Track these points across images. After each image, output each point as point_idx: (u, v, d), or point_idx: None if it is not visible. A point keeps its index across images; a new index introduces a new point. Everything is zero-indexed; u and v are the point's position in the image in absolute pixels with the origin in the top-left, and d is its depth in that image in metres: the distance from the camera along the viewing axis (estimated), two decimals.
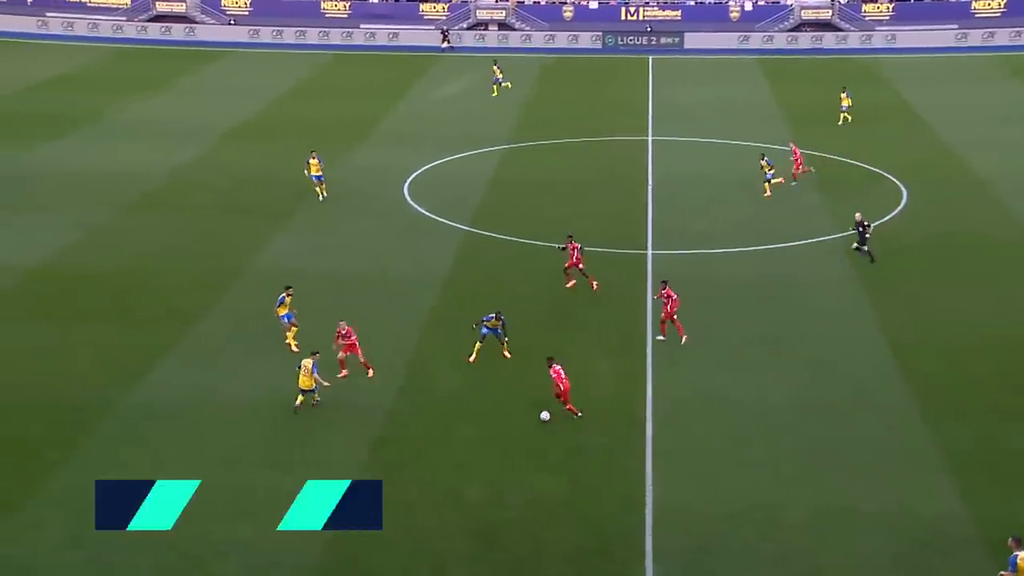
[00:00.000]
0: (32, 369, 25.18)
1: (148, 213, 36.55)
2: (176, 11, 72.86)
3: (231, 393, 24.31)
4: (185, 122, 48.86)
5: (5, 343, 26.43)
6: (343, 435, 22.86)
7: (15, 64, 60.50)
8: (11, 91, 53.56)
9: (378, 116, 50.67)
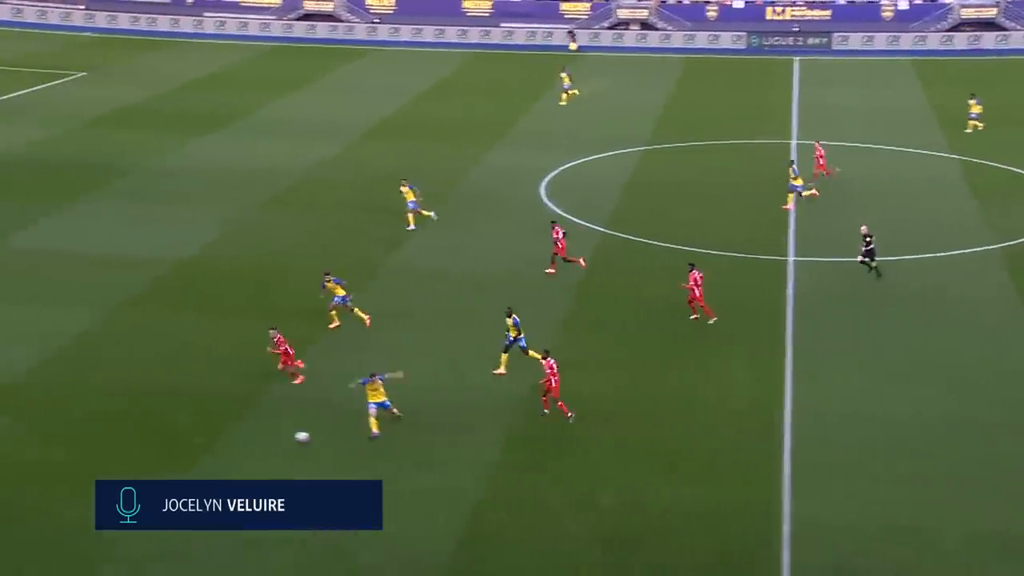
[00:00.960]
0: (180, 358, 26.06)
1: (288, 209, 37.50)
2: (323, 10, 74.67)
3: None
4: (326, 120, 50.01)
5: (155, 333, 27.41)
6: (477, 435, 22.99)
7: (172, 63, 62.93)
8: (166, 89, 55.72)
9: (515, 116, 50.90)
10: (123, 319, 28.17)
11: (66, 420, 23.21)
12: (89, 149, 43.94)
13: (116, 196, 38.22)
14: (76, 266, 31.59)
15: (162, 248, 33.02)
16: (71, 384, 24.47)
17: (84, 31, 71.24)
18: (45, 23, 72.65)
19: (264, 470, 21.33)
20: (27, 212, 35.81)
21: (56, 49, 64.86)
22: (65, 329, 27.37)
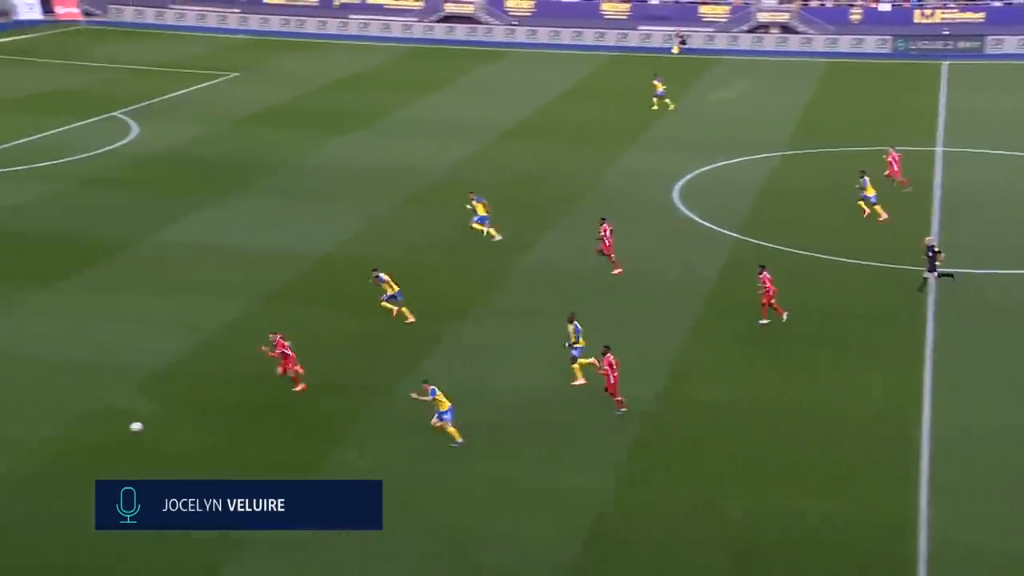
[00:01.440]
0: (319, 350, 26.64)
1: (425, 208, 38.00)
2: (463, 12, 75.51)
3: (496, 387, 24.85)
4: (464, 120, 50.52)
5: (296, 326, 28.06)
6: (602, 436, 22.89)
7: (318, 63, 64.52)
8: (312, 89, 57.17)
9: (652, 118, 50.49)
10: (266, 312, 28.96)
11: (212, 408, 23.98)
12: (239, 147, 45.37)
13: (262, 193, 39.34)
14: (224, 260, 32.64)
15: (304, 244, 33.85)
16: (216, 373, 25.29)
17: (238, 33, 73.68)
18: (203, 26, 75.39)
19: (397, 461, 21.71)
20: (180, 207, 37.16)
21: (212, 51, 67.23)
22: (212, 320, 28.32)
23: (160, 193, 38.70)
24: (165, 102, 53.14)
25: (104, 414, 23.55)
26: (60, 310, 28.66)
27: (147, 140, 45.75)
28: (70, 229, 34.61)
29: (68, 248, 32.93)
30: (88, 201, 37.38)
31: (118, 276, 31.19)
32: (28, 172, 40.44)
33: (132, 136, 46.29)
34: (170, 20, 76.21)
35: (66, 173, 40.50)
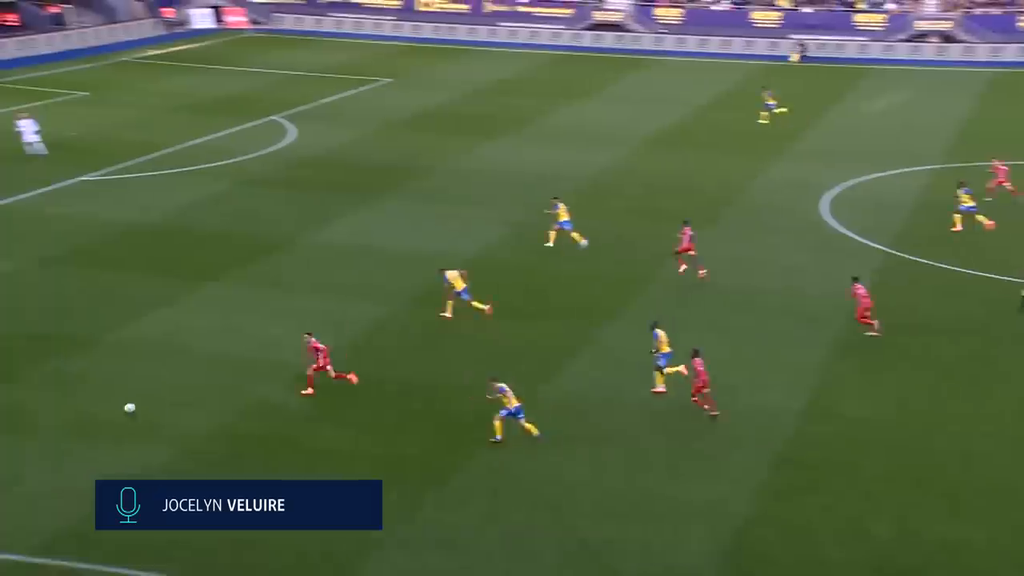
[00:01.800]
0: (460, 354, 26.98)
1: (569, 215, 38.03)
2: (612, 20, 75.36)
3: (636, 397, 24.68)
4: (610, 127, 50.38)
5: (440, 328, 28.49)
6: (743, 451, 22.47)
7: (468, 69, 65.40)
8: (461, 94, 57.97)
9: (803, 128, 49.38)
10: (411, 313, 29.44)
11: (359, 406, 24.45)
12: (390, 150, 46.30)
13: (411, 196, 40.04)
14: (373, 261, 33.35)
15: (450, 247, 34.28)
16: (363, 373, 25.80)
17: (392, 40, 75.31)
18: (359, 33, 77.30)
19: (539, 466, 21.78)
20: (333, 208, 38.14)
21: (367, 57, 68.89)
22: (359, 320, 28.95)
23: (314, 194, 39.79)
24: (321, 106, 54.65)
25: (259, 408, 24.28)
26: (220, 305, 29.74)
27: (303, 143, 47.15)
28: (231, 227, 35.90)
29: (229, 245, 34.18)
30: (248, 201, 38.73)
31: (273, 274, 32.20)
32: (195, 172, 42.17)
33: (290, 139, 47.77)
34: (328, 27, 78.40)
35: (229, 174, 42.07)
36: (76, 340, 27.11)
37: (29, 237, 34.40)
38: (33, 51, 66.25)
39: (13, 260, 32.34)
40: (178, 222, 36.28)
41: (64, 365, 25.85)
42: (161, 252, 33.54)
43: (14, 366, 25.75)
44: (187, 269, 32.04)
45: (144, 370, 25.76)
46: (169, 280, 31.07)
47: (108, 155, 43.26)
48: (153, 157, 43.18)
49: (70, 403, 24.13)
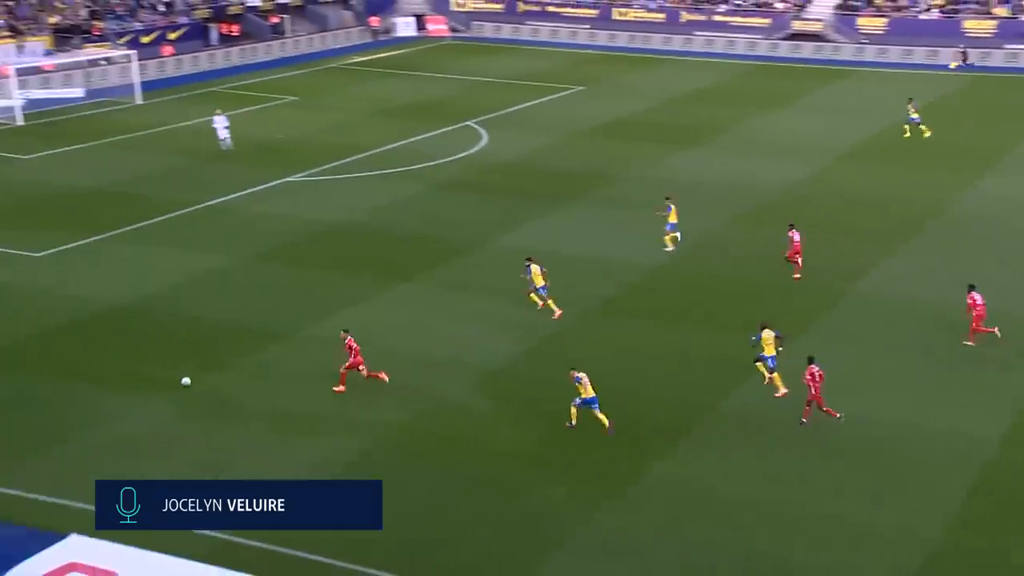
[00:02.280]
0: (644, 362, 26.78)
1: (757, 226, 37.19)
2: (811, 30, 73.28)
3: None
4: (804, 139, 49.00)
5: (618, 334, 28.34)
6: (938, 476, 21.45)
7: (661, 78, 64.95)
8: (653, 104, 57.58)
9: (1016, 141, 46.66)
10: (594, 321, 29.43)
11: (539, 410, 24.61)
12: (580, 157, 46.45)
13: (599, 203, 40.05)
14: (558, 266, 33.45)
15: (636, 255, 34.12)
16: (544, 377, 25.99)
17: (587, 48, 75.58)
18: (555, 41, 77.92)
19: (713, 480, 21.38)
20: (522, 213, 38.56)
21: (562, 65, 69.38)
22: (544, 324, 29.13)
23: (504, 199, 40.33)
24: (515, 113, 55.35)
25: (443, 406, 24.77)
26: (409, 304, 30.52)
27: (495, 149, 47.87)
28: (423, 229, 36.78)
29: (421, 247, 35.04)
30: (440, 204, 39.60)
31: (462, 276, 32.80)
32: (392, 175, 43.47)
33: (482, 144, 48.58)
34: (525, 35, 79.40)
35: (424, 177, 43.15)
36: (276, 333, 28.35)
37: (240, 234, 36.23)
38: (253, 59, 69.83)
39: (227, 255, 34.13)
40: (374, 223, 37.45)
41: (265, 357, 27.08)
42: (357, 251, 34.71)
43: (221, 355, 27.14)
44: (380, 269, 33.03)
45: (336, 365, 26.69)
46: (363, 279, 32.10)
47: (312, 157, 45.10)
48: (354, 160, 44.74)
49: (270, 393, 25.24)
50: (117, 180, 41.99)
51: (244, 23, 74.18)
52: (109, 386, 25.12)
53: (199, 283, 31.83)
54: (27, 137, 48.55)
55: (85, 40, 61.69)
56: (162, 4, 69.98)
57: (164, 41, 66.50)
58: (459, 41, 78.79)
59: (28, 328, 28.25)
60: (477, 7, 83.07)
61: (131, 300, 30.32)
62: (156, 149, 46.98)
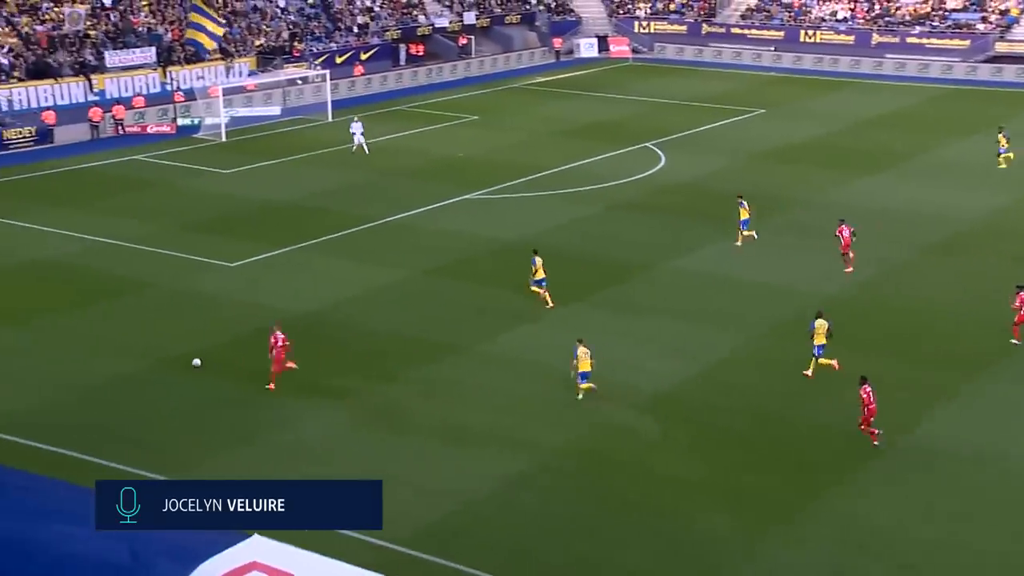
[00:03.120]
0: (819, 390, 26.00)
1: (948, 255, 35.59)
2: (1016, 52, 69.61)
3: (1009, 455, 22.53)
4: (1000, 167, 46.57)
5: (803, 364, 27.56)
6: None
7: (848, 102, 63.08)
8: (838, 128, 55.92)
9: None
10: (764, 346, 28.79)
11: (708, 435, 24.26)
12: (758, 181, 45.50)
13: (778, 228, 39.13)
14: (732, 291, 32.93)
15: (812, 281, 33.17)
16: (714, 402, 25.54)
17: (770, 71, 74.15)
18: (737, 63, 76.76)
19: (888, 521, 20.48)
20: (696, 235, 38.12)
21: (743, 87, 68.30)
22: (714, 348, 28.65)
23: (680, 221, 39.92)
24: (694, 135, 54.78)
25: (609, 427, 24.65)
26: (578, 325, 30.46)
27: (672, 170, 47.44)
28: (597, 250, 36.74)
29: (593, 267, 35.03)
30: (615, 225, 39.48)
31: (633, 297, 32.60)
32: (569, 195, 43.68)
33: (660, 166, 48.23)
34: (707, 57, 78.49)
35: (599, 197, 43.16)
36: (449, 347, 28.86)
37: (418, 249, 37.10)
38: (439, 78, 71.66)
39: (405, 269, 35.01)
40: (549, 241, 37.61)
41: (436, 370, 27.59)
42: (527, 269, 34.92)
43: (394, 367, 27.81)
44: (553, 287, 33.14)
45: (505, 382, 26.96)
46: (532, 297, 32.30)
47: (491, 175, 45.80)
48: (532, 179, 45.17)
49: (439, 407, 25.68)
50: (306, 194, 43.75)
51: (431, 44, 76.21)
52: (290, 392, 26.10)
53: (376, 296, 32.75)
54: (228, 152, 51.22)
55: (285, 60, 64.70)
56: (356, 26, 72.70)
57: (356, 61, 69.02)
58: (641, 62, 78.66)
59: (221, 335, 29.68)
60: (661, 29, 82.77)
61: (312, 310, 31.46)
62: (343, 165, 48.73)
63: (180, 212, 40.55)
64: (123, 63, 58.60)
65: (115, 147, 51.95)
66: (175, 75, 58.99)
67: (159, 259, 35.73)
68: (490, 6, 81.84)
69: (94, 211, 41.22)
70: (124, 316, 31.01)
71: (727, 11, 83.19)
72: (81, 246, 37.13)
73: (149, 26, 62.41)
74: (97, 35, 59.37)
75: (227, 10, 66.78)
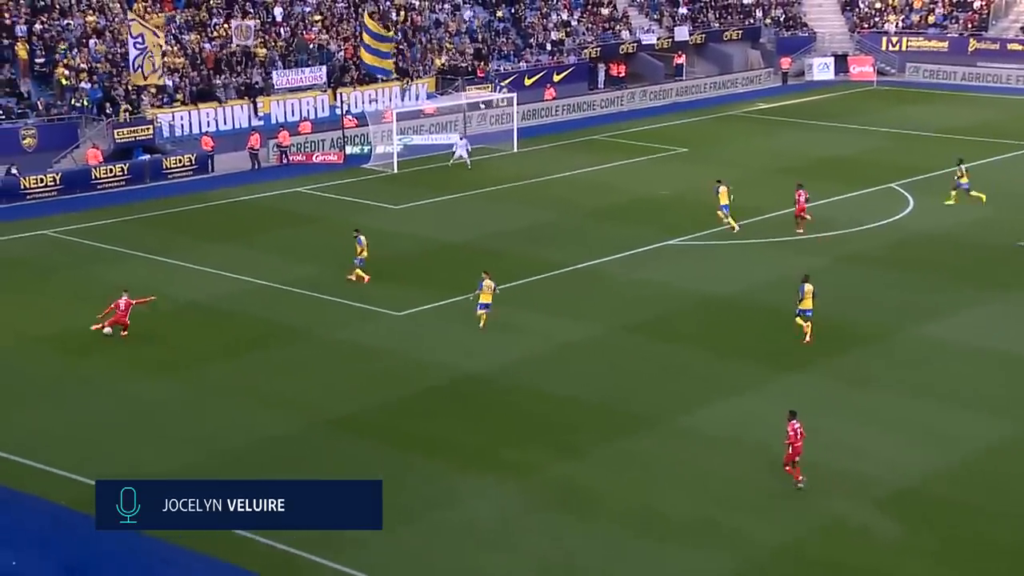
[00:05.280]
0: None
1: None
2: None
3: None
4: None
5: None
6: None
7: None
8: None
9: None
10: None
11: (964, 542, 23.46)
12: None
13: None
14: (999, 368, 31.71)
15: None
16: (973, 502, 24.61)
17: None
18: (1014, 87, 74.18)
19: None
20: (950, 297, 37.09)
21: (1018, 117, 66.10)
22: (974, 438, 27.62)
23: (929, 279, 38.81)
24: (952, 174, 53.20)
25: (836, 528, 24.04)
26: (800, 399, 29.74)
27: (923, 217, 46.18)
28: (823, 310, 35.71)
29: (820, 331, 34.24)
30: (847, 281, 38.61)
31: (867, 369, 31.78)
32: (790, 243, 43.09)
33: (907, 211, 47.04)
34: (975, 80, 75.93)
35: (830, 247, 42.37)
36: (645, 419, 28.83)
37: (610, 302, 37.24)
38: (643, 104, 72.21)
39: (595, 325, 35.20)
40: (764, 297, 37.19)
41: (630, 446, 27.58)
42: (742, 330, 34.61)
43: (580, 440, 27.92)
44: (768, 353, 32.74)
45: (709, 462, 26.71)
46: (746, 363, 31.92)
47: (698, 218, 45.63)
48: (748, 223, 44.82)
49: (632, 489, 25.60)
50: (485, 235, 44.72)
51: (635, 63, 76.96)
52: (458, 464, 26.57)
53: (560, 355, 33.05)
54: (400, 185, 53.02)
55: (468, 82, 66.64)
56: (549, 42, 74.10)
57: (548, 83, 70.35)
58: (888, 86, 77.19)
59: (382, 394, 30.55)
60: (915, 46, 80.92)
61: (486, 370, 31.99)
62: (527, 202, 49.63)
63: (343, 252, 42.14)
64: (291, 84, 61.77)
65: (277, 177, 54.62)
66: (345, 97, 61.67)
67: (319, 305, 37.19)
68: (707, 20, 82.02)
69: (252, 249, 43.32)
70: (277, 369, 32.34)
71: (1004, 22, 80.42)
72: (236, 287, 39.02)
73: (321, 43, 65.55)
74: (266, 53, 62.75)
75: (406, 23, 69.44)
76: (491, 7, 75.06)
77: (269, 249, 43.26)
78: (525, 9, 75.81)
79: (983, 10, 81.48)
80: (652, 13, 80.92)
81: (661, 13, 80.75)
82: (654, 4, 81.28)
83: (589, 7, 78.65)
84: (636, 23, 79.41)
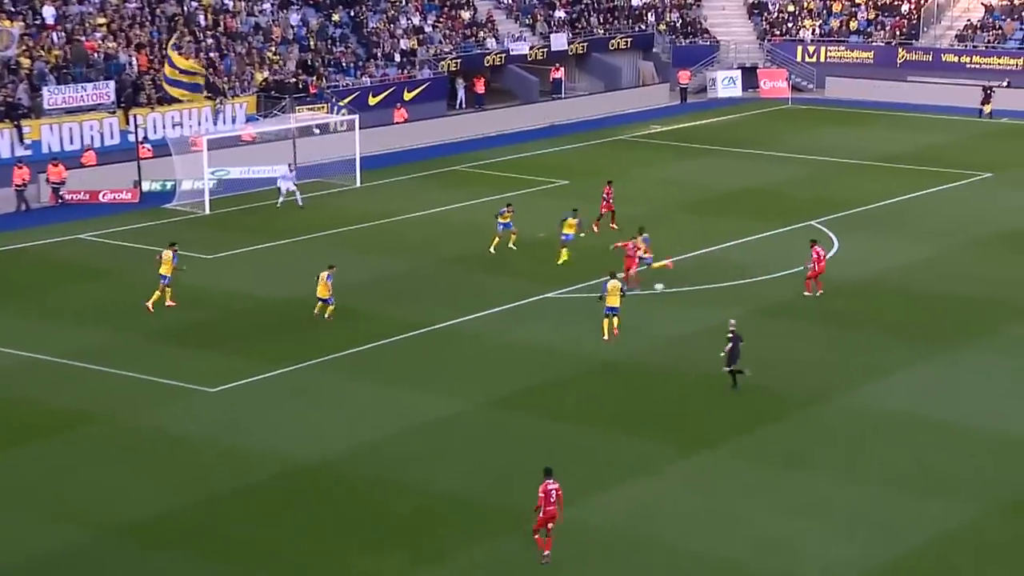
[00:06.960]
0: None
1: None
2: None
3: None
4: None
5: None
6: None
7: None
8: None
9: None
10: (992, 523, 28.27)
11: None
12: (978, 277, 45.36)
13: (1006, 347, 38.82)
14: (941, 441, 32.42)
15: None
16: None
17: (1004, 116, 74.15)
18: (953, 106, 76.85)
19: None
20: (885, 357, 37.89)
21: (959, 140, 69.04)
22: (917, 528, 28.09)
23: (857, 335, 39.60)
24: (881, 209, 54.70)
25: None
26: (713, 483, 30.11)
27: (849, 261, 47.14)
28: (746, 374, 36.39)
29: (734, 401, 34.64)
30: (765, 338, 39.08)
31: (793, 446, 32.17)
32: (697, 293, 43.56)
33: (830, 255, 48.02)
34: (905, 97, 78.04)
35: (742, 297, 43.01)
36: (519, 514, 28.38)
37: (478, 369, 37.11)
38: (513, 126, 72.66)
39: (459, 398, 34.99)
40: (661, 361, 37.52)
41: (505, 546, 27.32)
42: (646, 400, 34.80)
43: (442, 541, 27.60)
44: (678, 428, 32.98)
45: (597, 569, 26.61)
46: (647, 443, 32.06)
47: (583, 265, 45.88)
48: (643, 270, 45.20)
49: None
50: None
51: (503, 78, 77.63)
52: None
53: (419, 436, 32.74)
54: (213, 229, 52.26)
55: (297, 102, 66.21)
56: (398, 52, 74.11)
57: (397, 103, 70.46)
58: (805, 104, 79.18)
59: (191, 492, 29.81)
60: (835, 56, 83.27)
61: (327, 458, 31.47)
62: (375, 248, 49.37)
63: (142, 315, 41.21)
64: (68, 103, 60.44)
65: (51, 221, 53.40)
66: (141, 120, 60.65)
67: (113, 382, 36.24)
68: (589, 26, 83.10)
69: (19, 312, 42.17)
70: (57, 467, 31.20)
71: (937, 29, 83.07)
72: (6, 362, 37.92)
73: (107, 52, 64.31)
74: (33, 65, 61.10)
75: (217, 30, 68.78)
76: (325, 9, 74.85)
77: (44, 312, 42.17)
78: (368, 12, 75.77)
79: (912, 15, 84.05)
80: (523, 17, 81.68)
81: (534, 18, 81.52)
82: (525, 7, 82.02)
83: (446, 10, 79.05)
84: (504, 29, 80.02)
